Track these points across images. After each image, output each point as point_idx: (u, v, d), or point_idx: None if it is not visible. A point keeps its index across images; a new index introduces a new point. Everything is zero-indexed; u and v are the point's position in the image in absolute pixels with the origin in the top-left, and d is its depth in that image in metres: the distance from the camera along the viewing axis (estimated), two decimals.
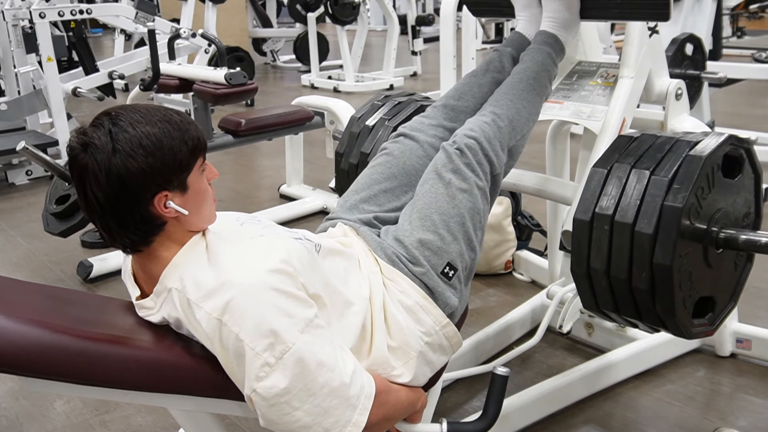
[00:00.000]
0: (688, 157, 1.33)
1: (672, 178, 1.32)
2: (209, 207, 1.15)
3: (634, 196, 1.35)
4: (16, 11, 4.45)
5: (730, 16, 5.94)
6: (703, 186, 1.33)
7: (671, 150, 1.38)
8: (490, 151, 1.42)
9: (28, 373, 0.97)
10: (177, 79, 3.47)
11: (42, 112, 4.64)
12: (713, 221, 1.38)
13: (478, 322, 2.22)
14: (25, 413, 1.94)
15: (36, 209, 3.59)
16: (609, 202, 1.38)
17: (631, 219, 1.34)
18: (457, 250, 1.33)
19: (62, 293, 1.22)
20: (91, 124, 1.05)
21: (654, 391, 1.91)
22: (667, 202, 1.30)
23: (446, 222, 1.33)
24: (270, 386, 1.02)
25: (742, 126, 4.15)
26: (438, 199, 1.36)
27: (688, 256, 1.34)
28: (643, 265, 1.34)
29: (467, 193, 1.37)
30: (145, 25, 4.01)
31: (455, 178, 1.37)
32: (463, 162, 1.39)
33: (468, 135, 1.43)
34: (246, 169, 4.47)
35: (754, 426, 1.75)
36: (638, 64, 1.70)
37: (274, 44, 8.82)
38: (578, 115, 1.78)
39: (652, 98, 1.76)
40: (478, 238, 1.38)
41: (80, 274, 2.79)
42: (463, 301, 1.36)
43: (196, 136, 1.09)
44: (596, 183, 1.43)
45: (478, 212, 1.37)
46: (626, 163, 1.40)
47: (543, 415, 1.79)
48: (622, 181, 1.39)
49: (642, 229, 1.32)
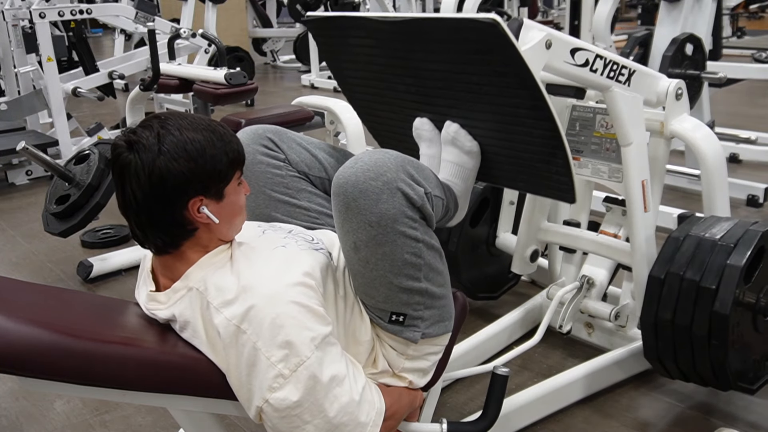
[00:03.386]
0: (728, 268, 1.53)
1: (717, 287, 1.53)
2: (240, 219, 1.17)
3: (689, 304, 1.57)
4: (16, 11, 4.45)
5: (730, 16, 5.94)
6: (743, 291, 1.56)
7: (713, 256, 1.57)
8: (395, 178, 1.13)
9: (28, 373, 0.97)
10: (177, 79, 3.47)
11: (42, 112, 4.64)
12: (760, 297, 1.62)
13: (478, 322, 2.22)
14: (25, 413, 1.94)
15: (36, 209, 3.59)
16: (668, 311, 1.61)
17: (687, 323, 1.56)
18: (396, 303, 1.19)
19: (62, 293, 1.23)
20: (140, 125, 1.09)
21: (654, 391, 1.91)
22: (715, 309, 1.53)
23: (370, 287, 1.19)
24: (282, 398, 1.03)
25: (742, 126, 4.15)
26: (353, 264, 1.19)
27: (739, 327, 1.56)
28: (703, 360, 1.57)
29: (380, 252, 1.14)
30: (145, 25, 4.01)
31: (360, 239, 1.14)
32: (368, 202, 1.11)
33: (361, 163, 1.14)
34: None
35: (754, 426, 1.75)
36: (633, 129, 1.66)
37: (274, 44, 8.82)
38: (599, 174, 1.87)
39: (652, 104, 1.75)
40: (421, 277, 1.19)
41: (80, 274, 2.79)
42: (436, 321, 1.25)
43: (237, 150, 1.13)
44: (654, 291, 1.64)
45: (406, 263, 1.16)
46: (677, 273, 1.60)
47: (543, 415, 1.79)
48: (675, 289, 1.60)
49: (697, 332, 1.55)
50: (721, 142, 1.89)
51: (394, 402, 1.20)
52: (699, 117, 2.54)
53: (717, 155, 1.79)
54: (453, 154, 1.52)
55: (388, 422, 1.15)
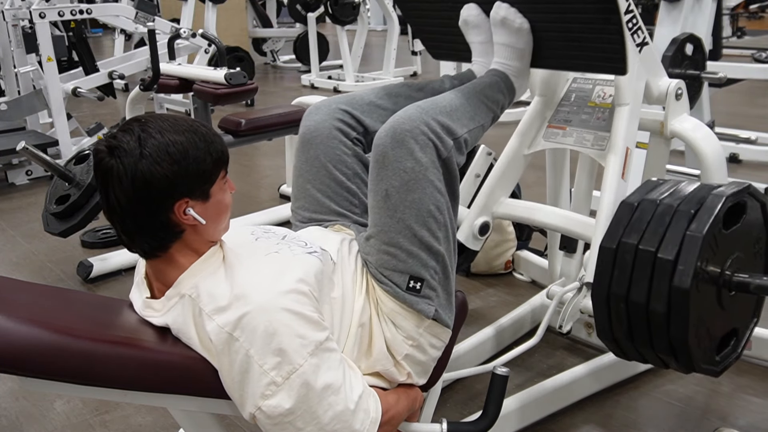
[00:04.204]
0: (687, 237, 1.35)
1: (675, 260, 1.34)
2: (227, 218, 1.17)
3: (644, 278, 1.39)
4: (16, 11, 4.45)
5: (730, 16, 5.94)
6: (707, 257, 1.36)
7: (672, 224, 1.39)
8: (428, 130, 1.27)
9: (28, 373, 0.97)
10: (177, 79, 3.47)
11: (42, 112, 4.64)
12: (725, 269, 1.42)
13: (478, 322, 2.22)
14: (25, 413, 1.94)
15: (36, 209, 3.59)
16: (622, 285, 1.42)
17: (643, 299, 1.38)
18: (416, 262, 1.26)
19: (62, 293, 1.23)
20: (120, 129, 1.07)
21: (654, 391, 1.91)
22: (675, 283, 1.34)
23: (393, 239, 1.26)
24: (275, 405, 1.03)
25: (742, 126, 4.15)
26: (380, 216, 1.27)
27: (702, 301, 1.37)
28: (661, 339, 1.39)
29: (410, 199, 1.25)
30: (145, 25, 4.01)
31: (392, 185, 1.25)
32: (401, 155, 1.25)
33: (399, 119, 1.28)
34: (246, 169, 4.47)
35: (754, 426, 1.75)
36: (633, 89, 1.67)
37: (274, 44, 8.82)
38: (582, 143, 1.79)
39: (652, 100, 1.75)
40: (440, 238, 1.28)
41: (80, 274, 2.79)
42: (446, 298, 1.31)
43: (220, 149, 1.12)
44: (607, 261, 1.46)
45: (429, 213, 1.26)
46: (632, 241, 1.42)
47: (543, 415, 1.79)
48: (629, 261, 1.42)
49: (656, 309, 1.36)
50: (721, 142, 1.89)
51: (391, 407, 1.19)
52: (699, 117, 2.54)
53: (717, 155, 1.79)
54: (504, 36, 1.60)
55: (385, 428, 1.15)
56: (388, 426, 1.17)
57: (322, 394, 1.05)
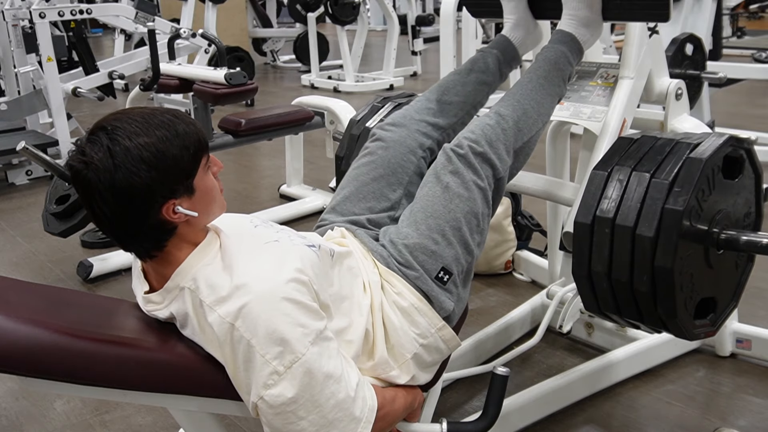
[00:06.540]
0: (689, 160, 1.33)
1: (672, 181, 1.32)
2: (218, 202, 1.15)
3: (634, 200, 1.35)
4: (16, 11, 4.45)
5: (730, 16, 5.94)
6: (703, 188, 1.32)
7: (671, 152, 1.37)
8: (492, 154, 1.40)
9: (28, 373, 0.97)
10: (177, 79, 3.47)
11: (42, 112, 4.64)
12: (714, 223, 1.37)
13: (478, 322, 2.22)
14: (25, 413, 1.94)
15: (36, 209, 3.59)
16: (610, 206, 1.38)
17: (632, 222, 1.34)
18: (452, 254, 1.32)
19: (62, 293, 1.23)
20: (87, 140, 1.03)
21: (654, 391, 1.91)
22: (668, 205, 1.30)
23: (440, 226, 1.32)
24: (277, 395, 1.02)
25: (742, 126, 4.15)
26: (434, 203, 1.35)
27: (689, 258, 1.34)
28: (644, 268, 1.33)
29: (465, 196, 1.35)
30: (145, 25, 4.01)
31: (453, 181, 1.36)
32: (463, 164, 1.37)
33: (470, 138, 1.41)
34: (246, 169, 4.47)
35: (754, 426, 1.75)
36: (638, 65, 1.69)
37: (274, 44, 8.82)
38: (578, 116, 1.78)
39: (652, 98, 1.75)
40: (476, 241, 1.36)
41: (80, 274, 2.79)
42: (460, 304, 1.35)
43: (196, 139, 1.07)
44: (597, 186, 1.42)
45: (476, 216, 1.35)
46: (627, 166, 1.40)
47: (543, 415, 1.79)
48: (622, 184, 1.38)
49: (643, 233, 1.32)
50: None
51: (387, 403, 1.18)
52: (699, 117, 2.54)
53: None
54: (573, 5, 1.66)
55: (379, 423, 1.13)
56: (384, 421, 1.16)
57: (325, 382, 1.05)
